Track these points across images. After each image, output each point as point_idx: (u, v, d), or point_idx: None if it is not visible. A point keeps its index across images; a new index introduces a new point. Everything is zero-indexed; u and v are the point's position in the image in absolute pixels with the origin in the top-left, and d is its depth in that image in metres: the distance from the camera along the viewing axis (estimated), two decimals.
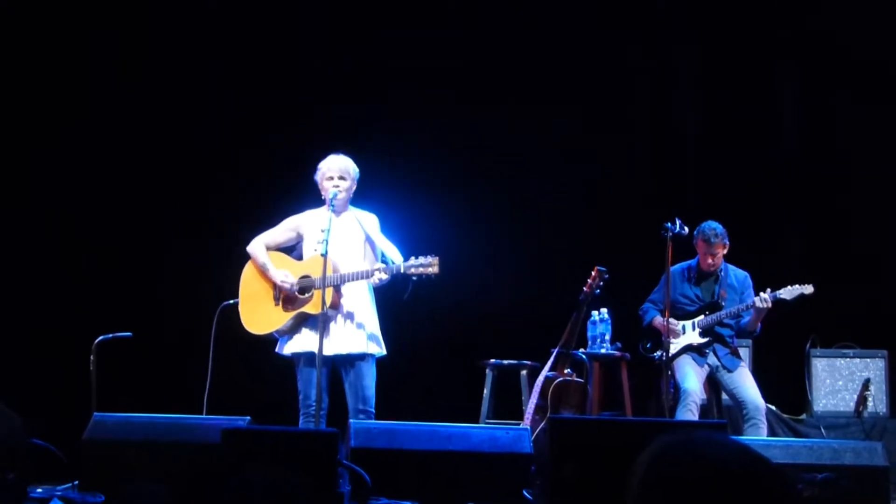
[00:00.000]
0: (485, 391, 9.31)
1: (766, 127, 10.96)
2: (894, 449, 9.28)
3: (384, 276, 7.50)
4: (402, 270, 7.46)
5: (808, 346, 9.92)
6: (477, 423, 8.97)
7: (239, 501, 2.67)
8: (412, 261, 7.45)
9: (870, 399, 9.76)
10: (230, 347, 8.26)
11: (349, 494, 6.21)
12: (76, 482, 6.65)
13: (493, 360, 9.40)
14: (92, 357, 8.18)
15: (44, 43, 10.47)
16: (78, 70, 10.53)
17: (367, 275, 7.53)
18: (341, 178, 7.80)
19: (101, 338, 8.29)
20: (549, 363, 8.59)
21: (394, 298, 7.82)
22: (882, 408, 9.81)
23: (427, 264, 7.40)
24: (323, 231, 7.43)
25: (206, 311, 8.46)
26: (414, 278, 7.47)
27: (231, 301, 8.04)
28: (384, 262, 7.66)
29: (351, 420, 7.17)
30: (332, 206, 7.59)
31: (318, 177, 7.89)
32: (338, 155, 7.89)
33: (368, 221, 7.91)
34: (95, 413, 7.09)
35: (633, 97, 11.04)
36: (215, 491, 2.67)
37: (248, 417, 6.94)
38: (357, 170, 7.90)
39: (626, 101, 10.96)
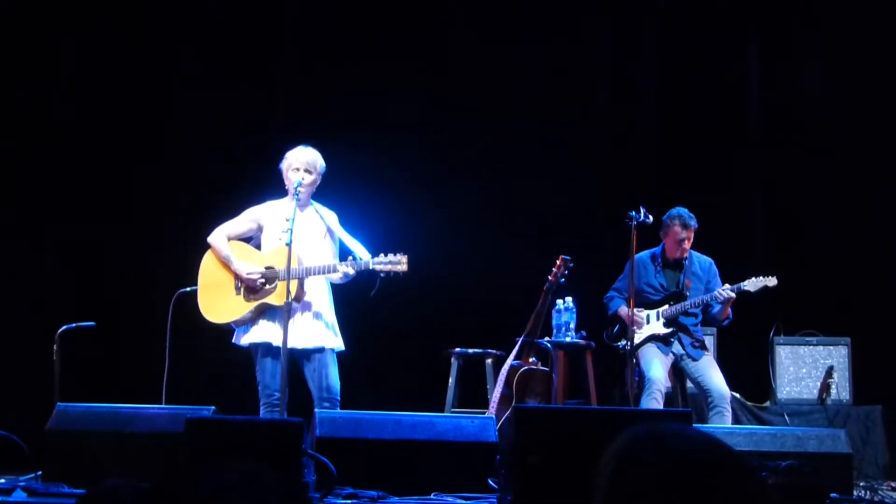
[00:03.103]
0: (450, 380, 9.31)
1: (729, 115, 10.97)
2: (857, 436, 9.37)
3: (350, 271, 7.44)
4: (370, 266, 7.42)
5: (771, 333, 9.96)
6: (442, 412, 8.97)
7: (204, 492, 2.65)
8: (381, 257, 7.41)
9: (833, 386, 9.80)
10: (189, 336, 8.23)
11: (314, 484, 6.21)
12: (39, 472, 6.62)
13: (458, 349, 9.39)
14: (55, 347, 8.14)
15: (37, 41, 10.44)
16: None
17: (333, 269, 7.49)
18: (307, 171, 7.72)
19: (64, 327, 8.25)
20: (514, 352, 8.61)
21: (356, 290, 7.80)
22: (845, 395, 9.86)
23: (396, 262, 7.37)
24: (287, 220, 7.40)
25: (166, 299, 8.43)
26: (382, 275, 7.43)
27: (188, 289, 7.99)
28: (353, 257, 7.58)
29: (316, 409, 7.16)
30: (297, 196, 7.55)
31: (283, 166, 7.82)
32: (306, 147, 7.82)
33: (330, 215, 7.87)
34: (59, 403, 7.07)
35: (598, 83, 11.03)
36: (180, 482, 2.65)
37: (213, 407, 6.94)
38: (324, 164, 7.83)
39: (590, 87, 10.95)
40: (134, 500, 2.87)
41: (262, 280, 7.61)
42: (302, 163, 7.74)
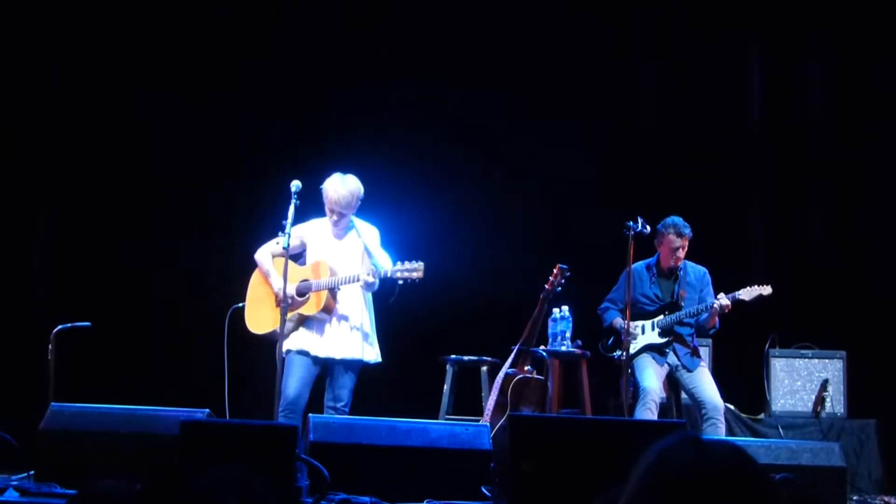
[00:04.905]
0: (445, 387, 9.30)
1: (727, 123, 10.94)
2: (851, 449, 9.37)
3: (370, 279, 7.70)
4: (388, 274, 7.71)
5: (767, 346, 9.95)
6: (436, 419, 8.96)
7: (197, 495, 2.66)
8: (398, 265, 7.72)
9: (827, 399, 9.80)
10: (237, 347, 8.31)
11: (307, 489, 6.21)
12: (32, 472, 6.61)
13: (453, 356, 9.38)
14: (50, 346, 8.13)
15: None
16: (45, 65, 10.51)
17: (356, 279, 7.74)
18: (341, 213, 7.94)
19: (59, 327, 8.24)
20: (509, 360, 8.60)
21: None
22: (839, 408, 9.85)
23: (412, 269, 7.66)
24: (285, 222, 7.58)
25: (161, 300, 8.43)
26: (400, 282, 7.71)
27: (241, 304, 8.16)
28: (373, 266, 7.86)
29: (310, 414, 7.17)
30: (296, 198, 7.60)
31: (323, 192, 7.96)
32: (344, 183, 7.92)
33: (368, 233, 8.12)
34: (53, 403, 7.06)
35: (598, 87, 11.02)
36: (173, 484, 2.67)
37: (208, 410, 6.94)
38: (361, 191, 7.99)
39: (589, 95, 10.93)
40: (126, 501, 2.87)
41: (295, 292, 7.85)
42: (335, 205, 7.92)
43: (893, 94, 10.59)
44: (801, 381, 9.91)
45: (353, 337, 7.91)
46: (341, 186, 7.90)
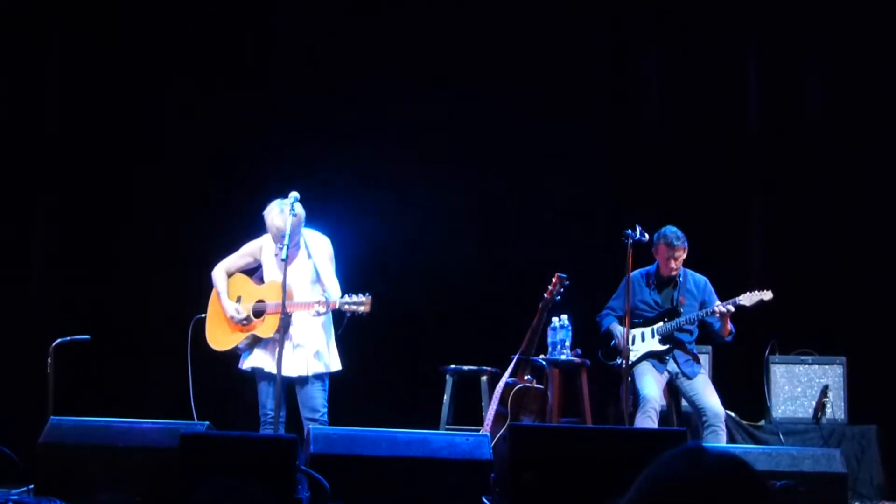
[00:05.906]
0: (445, 397, 9.28)
1: (727, 129, 10.93)
2: (852, 455, 9.35)
3: (321, 310, 7.75)
4: (336, 306, 7.72)
5: (766, 352, 9.94)
6: (436, 429, 8.95)
7: None
8: (346, 298, 7.70)
9: (828, 405, 9.78)
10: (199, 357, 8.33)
11: (308, 501, 6.21)
12: (31, 486, 6.61)
13: (453, 366, 9.35)
14: (49, 360, 8.13)
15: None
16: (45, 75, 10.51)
17: (310, 305, 7.77)
18: (281, 238, 7.83)
19: (58, 340, 8.24)
20: (509, 369, 8.58)
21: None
22: (840, 414, 9.83)
23: (359, 303, 7.65)
24: (283, 235, 7.64)
25: (159, 314, 8.45)
26: (348, 314, 7.72)
27: (203, 315, 8.25)
28: (324, 295, 7.87)
29: (310, 426, 7.19)
30: (293, 210, 7.71)
31: (265, 222, 7.98)
32: (283, 211, 7.83)
33: (318, 247, 8.11)
34: (52, 417, 7.06)
35: (597, 98, 11.00)
36: (172, 497, 2.68)
37: (207, 422, 6.94)
38: (302, 215, 7.91)
39: (588, 105, 10.91)
40: None
41: (245, 317, 8.03)
42: (276, 236, 7.89)
43: (893, 94, 10.56)
44: (802, 387, 9.90)
45: (308, 355, 7.98)
46: (279, 217, 7.86)
